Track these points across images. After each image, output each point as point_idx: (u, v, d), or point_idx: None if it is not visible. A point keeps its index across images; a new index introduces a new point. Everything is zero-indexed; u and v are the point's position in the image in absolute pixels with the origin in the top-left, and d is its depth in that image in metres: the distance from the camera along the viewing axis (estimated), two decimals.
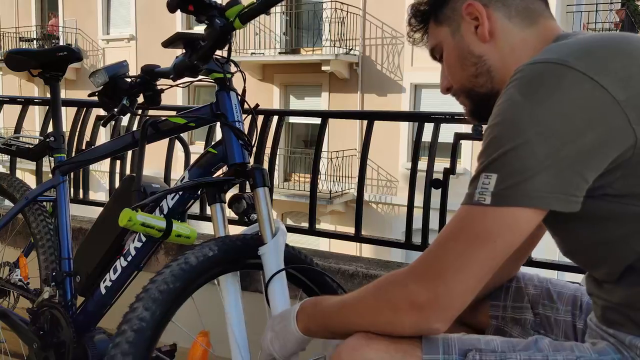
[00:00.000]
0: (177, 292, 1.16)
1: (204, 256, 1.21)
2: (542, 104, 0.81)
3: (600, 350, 0.90)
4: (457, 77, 1.06)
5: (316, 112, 2.88)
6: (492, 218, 0.83)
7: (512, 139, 0.82)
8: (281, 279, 1.25)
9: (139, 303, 1.13)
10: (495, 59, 1.00)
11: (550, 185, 0.81)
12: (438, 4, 1.05)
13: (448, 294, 0.85)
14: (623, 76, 0.82)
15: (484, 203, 0.83)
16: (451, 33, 1.04)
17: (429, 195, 2.00)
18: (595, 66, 0.82)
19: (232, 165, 1.34)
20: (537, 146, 0.80)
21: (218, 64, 1.35)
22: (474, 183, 0.86)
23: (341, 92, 12.20)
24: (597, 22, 10.97)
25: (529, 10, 1.00)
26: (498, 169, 0.83)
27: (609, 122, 0.80)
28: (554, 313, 1.20)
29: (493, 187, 0.83)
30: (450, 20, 1.03)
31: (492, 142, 0.84)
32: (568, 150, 0.80)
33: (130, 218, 1.25)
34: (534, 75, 0.84)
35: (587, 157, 0.81)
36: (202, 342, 1.25)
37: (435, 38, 1.07)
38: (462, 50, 1.02)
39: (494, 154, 0.84)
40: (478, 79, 1.02)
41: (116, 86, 1.49)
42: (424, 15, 1.08)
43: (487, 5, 0.99)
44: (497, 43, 0.99)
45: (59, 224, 1.68)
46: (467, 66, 1.03)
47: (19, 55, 1.79)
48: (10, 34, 15.75)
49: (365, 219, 2.36)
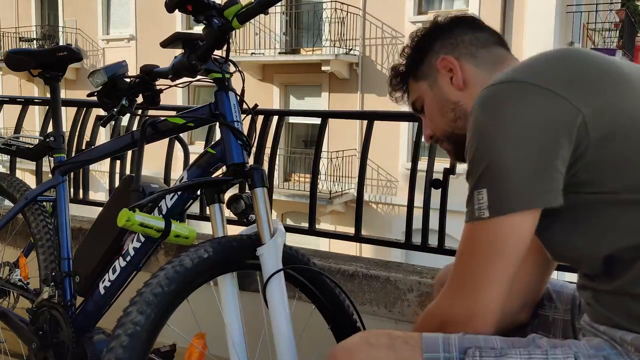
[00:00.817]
0: (171, 295, 1.15)
1: (199, 258, 1.20)
2: (502, 117, 0.92)
3: (596, 346, 0.93)
4: (438, 123, 1.18)
5: (316, 112, 2.88)
6: (496, 228, 0.92)
7: (488, 154, 0.92)
8: (279, 279, 1.25)
9: (133, 307, 1.12)
10: (470, 102, 1.08)
11: (533, 186, 0.90)
12: (415, 63, 1.19)
13: (483, 306, 0.95)
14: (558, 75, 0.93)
15: (484, 217, 0.92)
16: (429, 86, 1.17)
17: (429, 195, 2.00)
18: (535, 75, 0.94)
19: (230, 165, 1.34)
20: (510, 153, 0.90)
21: (217, 64, 1.35)
22: (470, 201, 0.95)
23: (341, 92, 12.19)
24: (597, 22, 10.97)
25: (494, 56, 1.15)
26: (485, 183, 0.92)
27: (560, 115, 0.90)
28: (553, 313, 1.21)
29: (487, 201, 0.92)
30: (427, 75, 1.17)
31: (473, 162, 0.95)
32: (536, 149, 0.89)
33: (128, 218, 1.25)
34: (489, 97, 0.96)
35: (554, 150, 0.89)
36: (198, 344, 1.24)
37: (416, 93, 1.21)
38: (441, 99, 1.16)
39: (477, 172, 0.93)
40: (457, 122, 1.14)
41: (115, 86, 1.49)
42: (403, 75, 1.22)
43: (458, 58, 1.14)
44: (470, 89, 1.13)
45: (59, 224, 1.68)
46: (446, 112, 1.16)
47: (19, 55, 1.79)
48: (10, 34, 15.74)
49: (365, 219, 2.36)
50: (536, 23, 9.99)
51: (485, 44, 1.15)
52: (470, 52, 1.14)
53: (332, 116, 2.50)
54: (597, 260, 0.93)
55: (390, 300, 1.84)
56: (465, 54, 1.14)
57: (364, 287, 1.88)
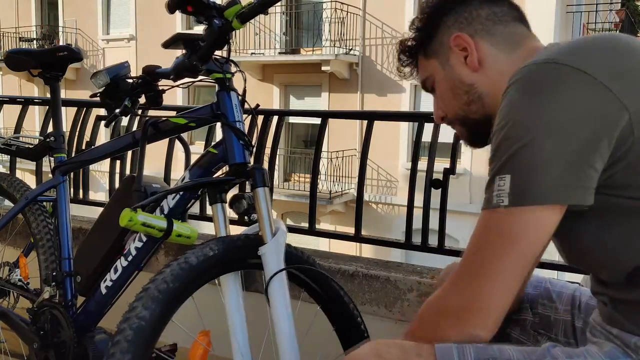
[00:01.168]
0: (176, 291, 1.16)
1: (204, 256, 1.21)
2: (543, 101, 0.84)
3: (609, 354, 0.90)
4: (450, 106, 1.10)
5: (316, 112, 2.88)
6: (513, 218, 0.85)
7: (520, 138, 0.84)
8: (281, 279, 1.25)
9: (138, 302, 1.13)
10: (486, 85, 1.04)
11: (564, 179, 0.83)
12: (426, 39, 1.09)
13: (485, 299, 0.87)
14: (614, 68, 0.85)
15: (502, 205, 0.85)
16: (441, 65, 1.08)
17: (429, 195, 2.00)
18: (584, 60, 0.86)
19: (232, 165, 1.35)
20: (545, 142, 0.82)
21: (218, 64, 1.36)
22: (490, 187, 0.87)
23: (341, 92, 12.20)
24: (597, 22, 10.96)
25: (513, 35, 1.04)
26: (511, 170, 0.84)
27: (607, 112, 0.83)
28: (553, 313, 1.20)
29: (509, 188, 0.84)
30: (439, 53, 1.08)
31: (501, 144, 0.86)
32: (575, 142, 0.82)
33: (131, 218, 1.25)
34: (531, 76, 0.88)
35: (593, 146, 0.82)
36: (202, 341, 1.25)
37: (426, 71, 1.11)
38: (453, 81, 1.07)
39: (504, 156, 0.85)
40: (471, 106, 1.06)
41: (118, 87, 1.49)
42: (412, 51, 1.12)
43: (473, 35, 1.04)
44: (486, 70, 1.04)
45: (59, 224, 1.68)
46: (459, 95, 1.07)
47: (19, 55, 1.79)
48: (10, 34, 15.74)
49: (365, 219, 2.36)
50: (536, 23, 9.88)
51: (503, 19, 1.05)
52: (487, 29, 1.04)
53: (332, 116, 2.51)
54: (622, 268, 0.89)
55: (390, 300, 1.84)
56: (481, 30, 1.04)
57: (364, 287, 1.88)
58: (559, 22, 10.27)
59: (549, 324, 1.20)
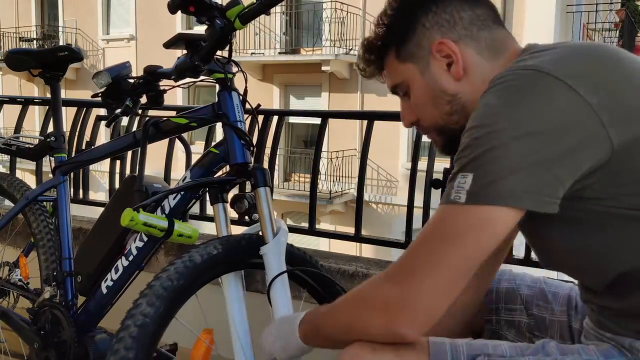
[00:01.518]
0: (180, 289, 1.16)
1: (208, 254, 1.21)
2: (518, 107, 0.82)
3: (605, 353, 0.90)
4: (427, 114, 1.03)
5: (316, 112, 2.88)
6: (465, 216, 0.82)
7: (489, 140, 0.82)
8: (283, 279, 1.25)
9: (142, 299, 1.14)
10: (469, 94, 0.98)
11: (524, 185, 0.81)
12: (399, 40, 1.00)
13: (416, 294, 0.82)
14: (595, 81, 0.83)
15: (458, 201, 0.83)
16: (419, 71, 1.00)
17: (428, 195, 2.00)
18: (568, 71, 0.83)
19: (234, 165, 1.35)
20: (513, 147, 0.81)
21: (219, 65, 1.36)
22: (451, 183, 0.85)
23: (341, 92, 12.19)
24: (597, 22, 10.97)
25: (496, 41, 0.99)
26: (474, 169, 0.83)
27: (583, 126, 0.81)
28: (549, 314, 1.19)
29: (469, 187, 0.82)
30: (416, 57, 1.00)
31: (470, 144, 0.84)
32: (543, 152, 0.81)
33: (132, 218, 1.25)
34: (510, 82, 0.85)
35: (562, 160, 0.81)
36: (205, 339, 1.25)
37: (399, 75, 1.03)
38: (434, 89, 0.99)
39: (471, 155, 0.83)
40: (452, 116, 1.00)
41: (119, 87, 1.49)
42: (381, 50, 1.03)
43: (457, 41, 0.97)
44: (469, 79, 0.98)
45: (60, 224, 1.68)
46: (440, 105, 1.00)
47: (19, 55, 1.79)
48: (10, 34, 15.74)
49: (365, 219, 2.36)
50: (536, 23, 9.99)
51: (486, 24, 0.98)
52: (471, 35, 0.97)
53: (332, 116, 2.51)
54: (604, 274, 0.88)
55: None
56: (465, 36, 0.97)
57: None
58: (559, 22, 10.28)
59: (545, 326, 1.19)
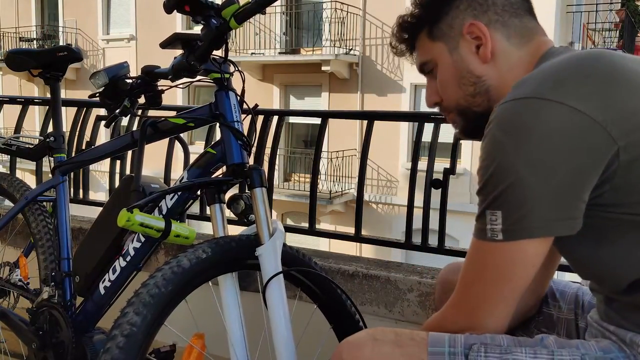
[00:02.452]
0: (169, 295, 1.14)
1: (196, 258, 1.19)
2: (526, 139, 0.84)
3: (604, 348, 0.91)
4: (452, 94, 1.05)
5: (316, 112, 2.88)
6: (508, 252, 0.88)
7: (505, 178, 0.85)
8: (279, 280, 1.25)
9: (129, 308, 1.12)
10: (494, 78, 1.00)
11: (551, 213, 0.85)
12: (433, 19, 1.03)
13: (483, 327, 0.93)
14: (600, 97, 0.84)
15: (497, 239, 0.88)
16: (448, 51, 1.03)
17: (429, 195, 2.00)
18: (567, 91, 0.84)
19: (230, 165, 1.34)
20: (530, 179, 0.84)
21: (216, 64, 1.35)
22: (482, 219, 0.90)
23: (341, 92, 12.19)
24: (597, 22, 10.96)
25: (526, 29, 1.01)
26: (501, 206, 0.87)
27: (592, 143, 0.83)
28: (557, 312, 1.20)
29: (501, 224, 0.87)
30: (447, 37, 1.02)
31: (488, 182, 0.88)
32: (559, 177, 0.83)
33: (128, 218, 1.25)
34: (513, 113, 0.87)
35: (579, 179, 0.84)
36: (196, 344, 1.24)
37: (428, 53, 1.06)
38: (461, 70, 1.02)
39: (493, 193, 0.87)
40: (475, 98, 1.02)
41: (117, 87, 1.49)
42: (415, 28, 1.06)
43: (488, 25, 0.99)
44: (496, 63, 1.00)
45: (59, 224, 1.68)
46: (465, 85, 1.02)
47: (19, 55, 1.79)
48: (10, 34, 15.75)
49: (365, 219, 2.36)
50: None
51: (518, 12, 1.01)
52: (502, 20, 1.00)
53: (332, 116, 2.50)
54: (620, 282, 0.90)
55: (390, 300, 1.84)
56: (496, 21, 0.99)
57: (364, 287, 1.88)
58: (559, 22, 10.27)
59: (552, 323, 1.20)
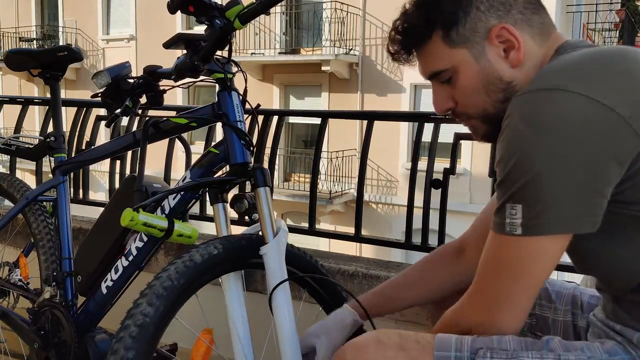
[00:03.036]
0: (181, 289, 1.16)
1: (208, 254, 1.21)
2: (547, 132, 0.82)
3: (609, 350, 0.91)
4: (478, 102, 0.98)
5: (316, 112, 2.88)
6: (527, 247, 0.87)
7: (526, 171, 0.83)
8: (284, 285, 1.25)
9: (143, 299, 1.13)
10: (523, 82, 0.94)
11: (574, 210, 0.83)
12: (449, 23, 0.95)
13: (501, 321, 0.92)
14: (627, 93, 0.82)
15: (515, 233, 0.86)
16: (473, 57, 0.95)
17: (429, 195, 2.00)
18: (591, 85, 0.82)
19: (233, 165, 1.35)
20: (553, 173, 0.82)
21: (219, 64, 1.36)
22: (501, 212, 0.88)
23: (341, 92, 12.19)
24: (597, 23, 10.97)
25: (544, 25, 0.97)
26: (521, 200, 0.85)
27: (617, 139, 0.81)
28: (552, 314, 1.19)
29: (521, 218, 0.85)
30: (470, 41, 0.94)
31: (509, 175, 0.85)
32: (583, 172, 0.81)
33: (132, 218, 1.25)
34: (534, 104, 0.84)
35: (601, 175, 0.82)
36: (205, 339, 1.25)
37: (447, 61, 0.97)
38: (489, 76, 0.95)
39: (514, 186, 0.85)
40: (504, 104, 0.93)
41: (119, 87, 1.49)
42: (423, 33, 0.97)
43: (514, 25, 0.93)
44: (524, 66, 0.95)
45: (60, 224, 1.68)
46: (494, 92, 0.96)
47: (19, 55, 1.79)
48: (10, 34, 15.74)
49: (365, 219, 2.36)
50: None
51: (536, 6, 0.95)
52: (526, 19, 0.93)
53: (332, 116, 2.51)
54: (634, 278, 0.89)
55: None
56: (521, 21, 0.93)
57: (364, 287, 1.88)
58: (559, 22, 10.27)
59: (547, 326, 1.19)
